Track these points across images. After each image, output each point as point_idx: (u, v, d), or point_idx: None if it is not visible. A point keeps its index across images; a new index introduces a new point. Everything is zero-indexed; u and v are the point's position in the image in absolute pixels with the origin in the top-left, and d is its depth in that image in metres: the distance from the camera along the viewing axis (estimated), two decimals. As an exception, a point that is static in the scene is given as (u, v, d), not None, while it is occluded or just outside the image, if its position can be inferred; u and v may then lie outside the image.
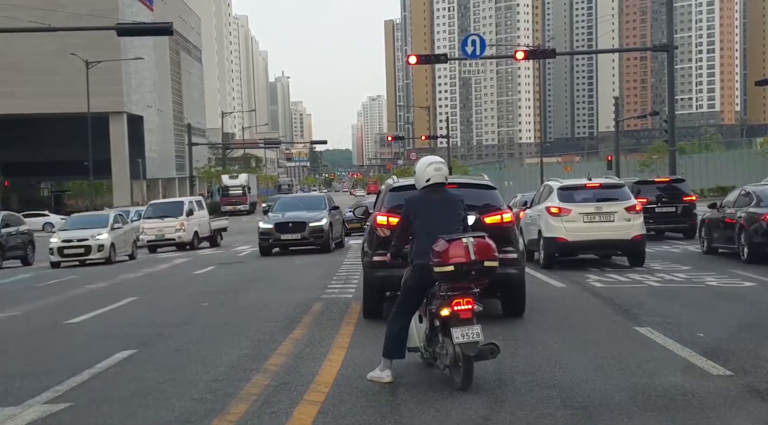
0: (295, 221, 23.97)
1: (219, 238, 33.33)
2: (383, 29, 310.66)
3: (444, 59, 33.98)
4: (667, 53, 32.18)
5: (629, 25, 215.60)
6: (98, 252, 25.15)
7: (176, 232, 30.37)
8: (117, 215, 27.81)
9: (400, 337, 6.78)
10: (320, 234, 23.74)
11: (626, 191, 16.96)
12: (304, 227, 23.75)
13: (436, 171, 6.94)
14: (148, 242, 30.68)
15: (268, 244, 23.95)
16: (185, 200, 32.97)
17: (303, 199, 29.69)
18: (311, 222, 23.80)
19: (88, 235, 25.38)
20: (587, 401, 6.01)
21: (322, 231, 23.78)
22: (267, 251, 23.95)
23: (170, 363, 8.08)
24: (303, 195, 34.82)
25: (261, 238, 24.12)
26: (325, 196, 27.66)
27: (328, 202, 26.01)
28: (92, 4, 53.69)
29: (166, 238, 30.49)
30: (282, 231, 23.84)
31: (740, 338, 8.38)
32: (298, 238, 23.80)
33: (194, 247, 30.49)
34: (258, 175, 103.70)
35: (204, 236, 31.99)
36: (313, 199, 27.75)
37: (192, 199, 34.54)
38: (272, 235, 23.84)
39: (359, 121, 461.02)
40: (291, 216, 24.27)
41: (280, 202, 27.65)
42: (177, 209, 31.22)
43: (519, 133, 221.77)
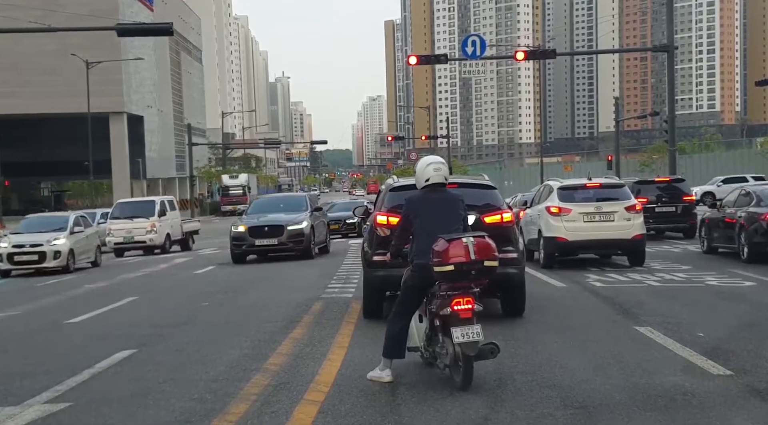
0: (271, 224, 21.49)
1: (191, 241, 31.44)
2: (383, 29, 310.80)
3: (444, 60, 33.98)
4: (667, 53, 32.18)
5: (629, 26, 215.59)
6: (54, 259, 22.07)
7: (147, 234, 28.28)
8: (78, 217, 24.48)
9: (400, 337, 6.78)
10: (300, 239, 21.26)
11: (626, 191, 16.95)
12: (281, 231, 21.26)
13: (436, 171, 6.94)
14: (116, 245, 28.62)
15: (242, 251, 21.44)
16: (156, 199, 30.71)
17: (282, 199, 26.49)
18: (290, 226, 21.33)
19: (43, 240, 22.28)
20: (587, 401, 6.01)
21: (302, 235, 21.31)
22: (240, 258, 21.49)
23: (170, 363, 8.08)
24: (282, 195, 32.25)
25: (233, 244, 21.59)
26: (306, 196, 25.20)
27: (310, 202, 23.67)
28: (92, 5, 53.66)
29: (135, 241, 28.37)
30: (257, 235, 21.28)
31: (740, 338, 8.38)
32: (274, 244, 21.27)
33: (166, 251, 28.59)
34: (258, 175, 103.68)
35: (176, 239, 29.99)
36: (293, 200, 24.99)
37: (164, 198, 31.99)
38: (246, 240, 21.30)
39: (359, 121, 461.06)
40: (267, 219, 21.83)
41: (256, 203, 25.03)
42: (148, 209, 29.03)
43: (519, 133, 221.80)
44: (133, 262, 24.95)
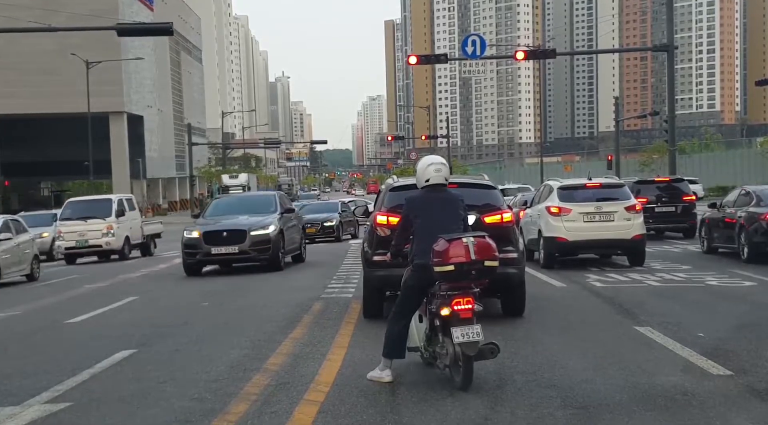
0: (231, 229, 18.09)
1: (152, 245, 28.53)
2: (383, 29, 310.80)
3: (444, 59, 33.98)
4: (667, 53, 32.19)
5: (629, 25, 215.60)
6: None
7: (103, 237, 25.08)
8: (7, 222, 20.11)
9: (400, 337, 6.78)
10: (265, 247, 17.85)
11: (626, 191, 16.96)
12: (243, 237, 17.87)
13: (436, 172, 6.94)
14: (67, 250, 25.42)
15: (195, 261, 18.09)
16: (114, 198, 27.14)
17: (246, 199, 22.77)
18: (253, 231, 17.91)
19: None
20: (587, 401, 6.01)
21: (268, 242, 17.88)
22: (194, 270, 18.19)
23: (170, 363, 8.08)
24: (247, 194, 28.06)
25: (185, 253, 18.18)
26: (275, 195, 21.00)
27: (280, 202, 20.03)
28: (92, 4, 53.64)
29: (89, 245, 25.16)
30: (213, 242, 17.86)
31: (740, 338, 8.39)
32: (235, 252, 17.90)
33: (125, 256, 25.77)
34: (258, 175, 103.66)
35: (136, 242, 26.87)
36: (259, 200, 21.31)
37: (122, 196, 28.22)
38: (200, 248, 17.88)
39: (359, 121, 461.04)
40: (227, 224, 18.48)
41: (217, 204, 21.14)
42: (104, 209, 25.80)
43: (519, 132, 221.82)
44: (85, 273, 21.14)
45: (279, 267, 18.11)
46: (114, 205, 25.89)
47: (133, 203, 28.05)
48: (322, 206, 35.12)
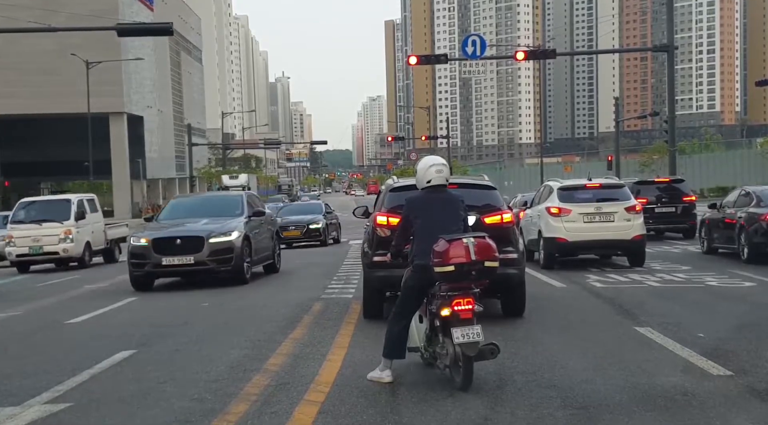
0: (186, 235, 15.47)
1: (117, 251, 25.17)
2: (383, 29, 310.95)
3: (444, 59, 33.97)
4: (667, 53, 32.19)
5: (629, 26, 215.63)
6: None
7: (60, 243, 22.26)
8: None
9: (400, 337, 6.78)
10: (227, 256, 15.36)
11: (626, 191, 16.97)
12: (200, 245, 15.24)
13: (438, 173, 6.94)
14: (18, 257, 22.62)
15: (143, 273, 15.48)
16: (73, 198, 23.72)
17: (209, 200, 19.77)
18: (213, 237, 15.35)
19: None
20: (587, 401, 6.01)
21: (230, 250, 15.38)
22: (143, 284, 15.55)
23: (170, 363, 8.08)
24: (209, 194, 24.56)
25: (131, 263, 15.56)
26: (242, 196, 18.01)
27: (248, 204, 17.36)
28: (92, 5, 53.66)
29: (44, 252, 22.31)
30: (164, 251, 15.22)
31: (740, 338, 8.39)
32: (190, 263, 15.22)
33: (84, 264, 22.84)
34: (258, 176, 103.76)
35: (98, 248, 23.74)
36: (223, 201, 18.40)
37: (83, 196, 24.62)
38: (148, 259, 15.27)
39: (359, 121, 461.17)
40: (182, 229, 15.87)
41: (173, 205, 18.19)
42: (61, 211, 22.88)
43: (519, 133, 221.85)
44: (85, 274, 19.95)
45: (244, 280, 15.59)
46: (73, 207, 22.86)
47: (95, 204, 24.81)
48: (304, 207, 33.24)
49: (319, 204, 32.75)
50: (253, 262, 16.38)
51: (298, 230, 28.13)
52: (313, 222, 28.60)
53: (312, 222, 28.57)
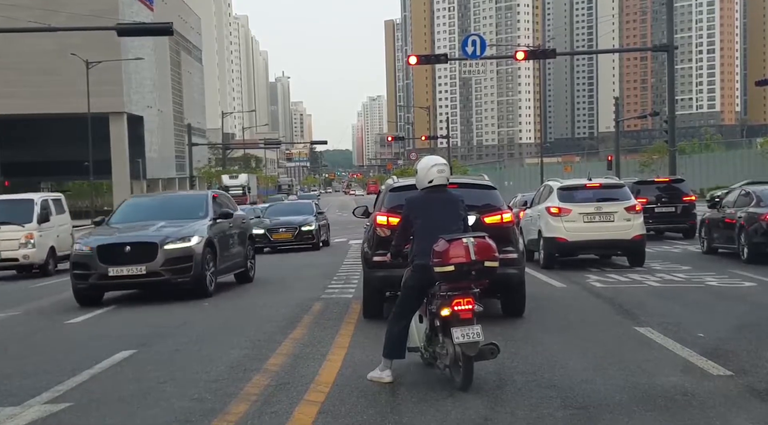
0: (136, 241, 13.40)
1: None
2: (383, 29, 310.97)
3: (444, 59, 33.98)
4: (667, 53, 32.21)
5: (629, 25, 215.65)
6: None
7: (20, 249, 19.86)
8: None
9: (400, 337, 6.78)
10: (184, 265, 13.34)
11: (626, 191, 16.97)
12: (152, 252, 13.19)
13: (440, 173, 6.95)
14: None
15: (87, 286, 13.41)
16: (35, 198, 21.29)
17: (169, 201, 17.30)
18: (168, 244, 13.33)
19: None
20: (587, 401, 6.01)
21: (188, 258, 13.37)
22: (87, 298, 13.51)
23: (170, 363, 8.08)
24: (167, 195, 20.66)
25: (74, 274, 13.56)
26: (207, 195, 15.74)
27: (214, 205, 15.13)
28: (92, 4, 53.62)
29: (2, 259, 19.96)
30: (112, 260, 13.20)
31: (740, 338, 8.39)
32: (141, 273, 13.18)
33: (48, 272, 20.33)
34: (258, 175, 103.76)
35: (64, 254, 20.34)
36: (185, 201, 16.37)
37: (47, 196, 22.34)
38: (93, 268, 13.23)
39: (359, 121, 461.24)
40: (132, 234, 13.76)
41: (126, 207, 15.73)
42: (23, 212, 20.43)
43: (519, 133, 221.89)
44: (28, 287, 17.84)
45: (205, 292, 13.59)
46: (36, 208, 20.44)
47: (62, 205, 22.35)
48: (292, 207, 30.90)
49: (309, 203, 30.70)
50: (218, 271, 14.33)
51: (290, 232, 25.97)
52: (306, 223, 26.32)
53: (304, 224, 26.27)
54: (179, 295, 13.56)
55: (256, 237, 23.23)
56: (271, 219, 27.07)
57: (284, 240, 25.85)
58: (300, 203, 33.64)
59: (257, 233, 23.62)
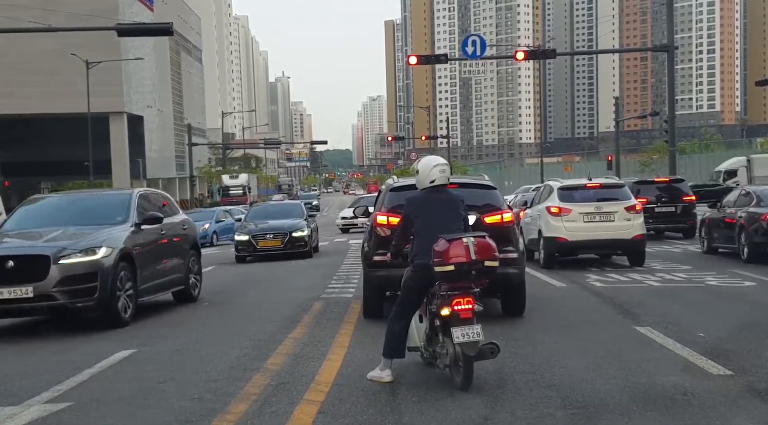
0: (21, 254, 10.31)
1: None
2: (383, 29, 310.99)
3: (444, 59, 34.00)
4: (667, 53, 32.21)
5: (629, 26, 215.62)
6: None
7: None
8: None
9: (400, 337, 6.78)
10: (87, 285, 10.25)
11: (626, 191, 16.96)
12: (43, 269, 10.08)
13: (441, 173, 6.95)
14: None
15: None
16: None
17: (81, 201, 13.31)
18: (65, 258, 10.21)
19: None
20: (587, 401, 6.01)
21: (92, 276, 10.31)
22: None
23: (170, 363, 8.07)
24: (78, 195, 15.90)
25: None
26: (131, 196, 12.43)
27: (135, 208, 11.99)
28: (92, 4, 53.60)
29: None
30: None
31: (740, 338, 8.39)
32: (27, 297, 10.02)
33: None
34: (258, 175, 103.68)
35: None
36: (99, 203, 12.92)
37: None
38: None
39: (359, 121, 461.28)
40: (16, 245, 10.76)
41: (26, 210, 12.54)
42: None
43: (519, 133, 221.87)
44: None
45: (117, 321, 10.59)
46: None
47: None
48: (278, 209, 26.81)
49: (298, 205, 27.36)
50: (142, 291, 11.42)
51: (278, 239, 22.44)
52: (297, 229, 22.80)
53: (295, 229, 22.74)
54: (91, 322, 10.66)
55: (239, 245, 22.33)
56: (257, 224, 23.70)
57: (272, 247, 22.37)
58: (287, 204, 30.88)
59: (240, 239, 22.47)
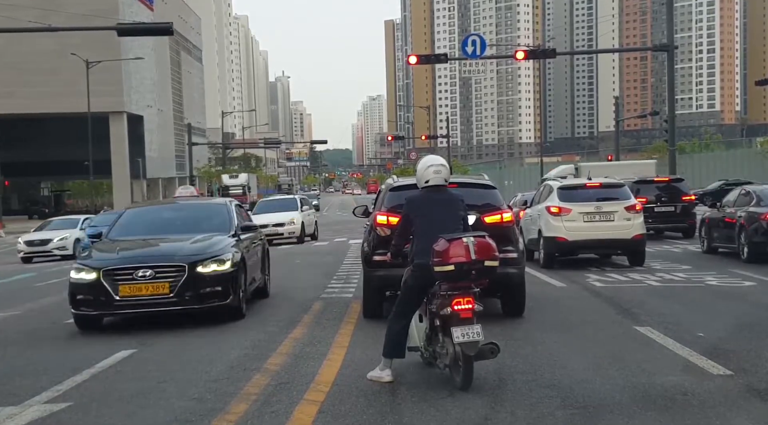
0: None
1: None
2: (383, 29, 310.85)
3: (444, 59, 34.01)
4: (667, 53, 32.20)
5: (629, 25, 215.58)
6: None
7: None
8: None
9: (400, 337, 6.78)
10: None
11: (626, 191, 16.95)
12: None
13: (436, 173, 6.95)
14: None
15: None
16: None
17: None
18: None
19: None
20: (587, 401, 6.01)
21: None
22: None
23: (170, 363, 8.07)
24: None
25: None
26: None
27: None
28: (92, 4, 53.62)
29: None
30: None
31: (740, 337, 8.39)
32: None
33: None
34: (258, 175, 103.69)
35: None
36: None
37: None
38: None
39: (359, 121, 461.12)
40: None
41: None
42: None
43: (519, 132, 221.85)
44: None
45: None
46: None
47: None
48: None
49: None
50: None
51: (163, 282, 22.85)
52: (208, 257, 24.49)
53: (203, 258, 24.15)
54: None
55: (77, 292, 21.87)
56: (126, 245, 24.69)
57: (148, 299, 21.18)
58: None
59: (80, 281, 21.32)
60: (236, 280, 10.56)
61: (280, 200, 34.05)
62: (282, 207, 30.61)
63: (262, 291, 12.97)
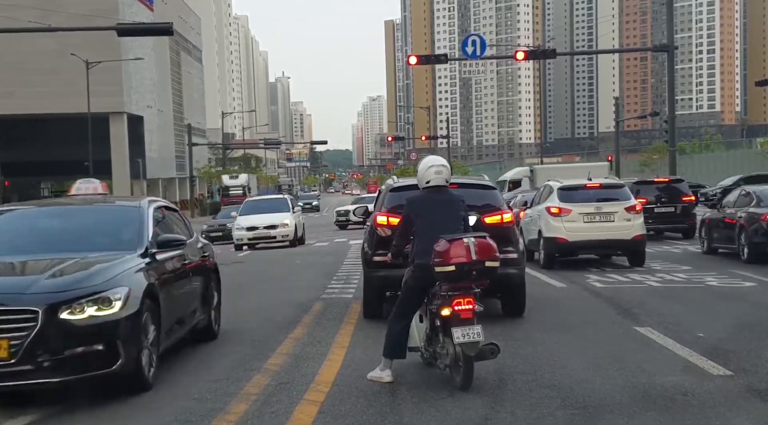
0: None
1: None
2: (383, 29, 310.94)
3: (444, 59, 34.01)
4: (667, 53, 32.21)
5: (629, 26, 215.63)
6: None
7: None
8: None
9: (400, 337, 6.79)
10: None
11: (626, 191, 16.96)
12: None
13: (437, 174, 6.96)
14: None
15: None
16: None
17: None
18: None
19: None
20: (587, 401, 6.01)
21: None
22: None
23: (170, 363, 8.07)
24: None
25: None
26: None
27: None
28: (92, 4, 53.57)
29: None
30: None
31: (740, 338, 8.39)
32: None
33: None
34: (258, 175, 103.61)
35: None
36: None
37: None
38: None
39: (359, 121, 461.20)
40: None
41: None
42: None
43: (519, 133, 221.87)
44: None
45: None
46: None
47: None
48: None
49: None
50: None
51: None
52: None
53: None
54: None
55: None
56: None
57: None
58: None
59: None
60: (132, 331, 6.55)
61: (268, 200, 32.78)
62: (271, 207, 29.23)
63: (206, 330, 9.19)
